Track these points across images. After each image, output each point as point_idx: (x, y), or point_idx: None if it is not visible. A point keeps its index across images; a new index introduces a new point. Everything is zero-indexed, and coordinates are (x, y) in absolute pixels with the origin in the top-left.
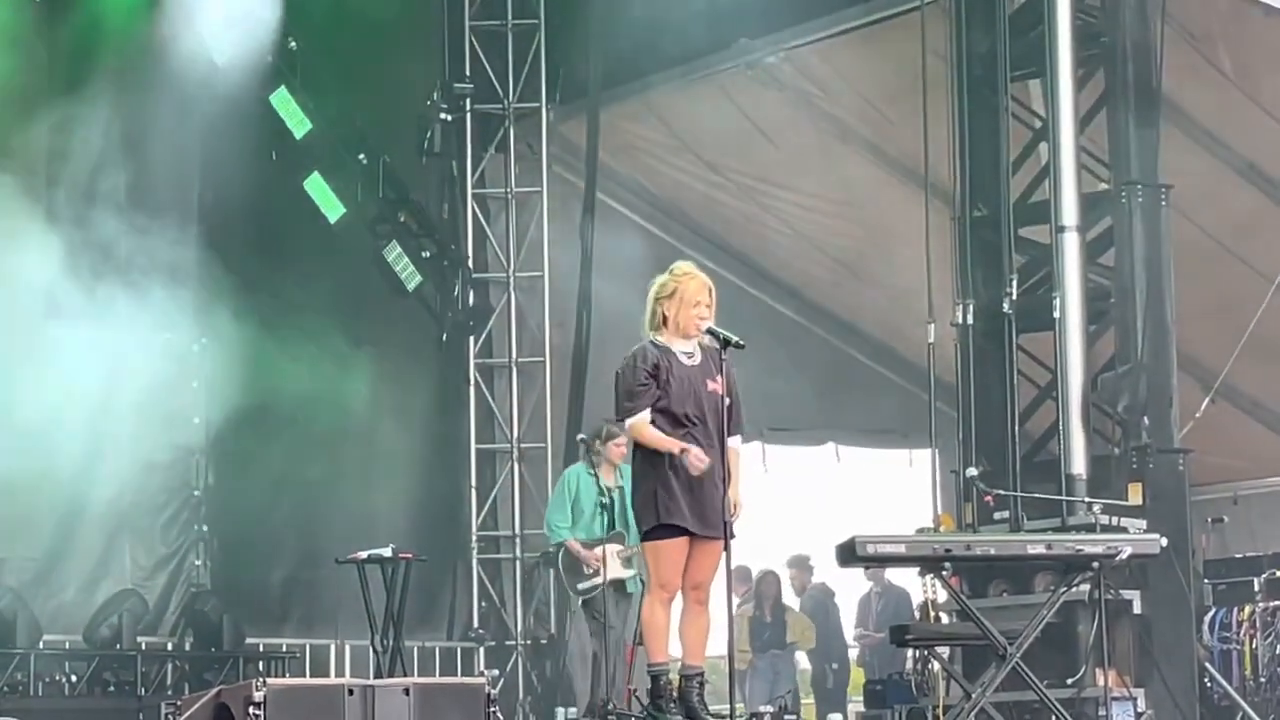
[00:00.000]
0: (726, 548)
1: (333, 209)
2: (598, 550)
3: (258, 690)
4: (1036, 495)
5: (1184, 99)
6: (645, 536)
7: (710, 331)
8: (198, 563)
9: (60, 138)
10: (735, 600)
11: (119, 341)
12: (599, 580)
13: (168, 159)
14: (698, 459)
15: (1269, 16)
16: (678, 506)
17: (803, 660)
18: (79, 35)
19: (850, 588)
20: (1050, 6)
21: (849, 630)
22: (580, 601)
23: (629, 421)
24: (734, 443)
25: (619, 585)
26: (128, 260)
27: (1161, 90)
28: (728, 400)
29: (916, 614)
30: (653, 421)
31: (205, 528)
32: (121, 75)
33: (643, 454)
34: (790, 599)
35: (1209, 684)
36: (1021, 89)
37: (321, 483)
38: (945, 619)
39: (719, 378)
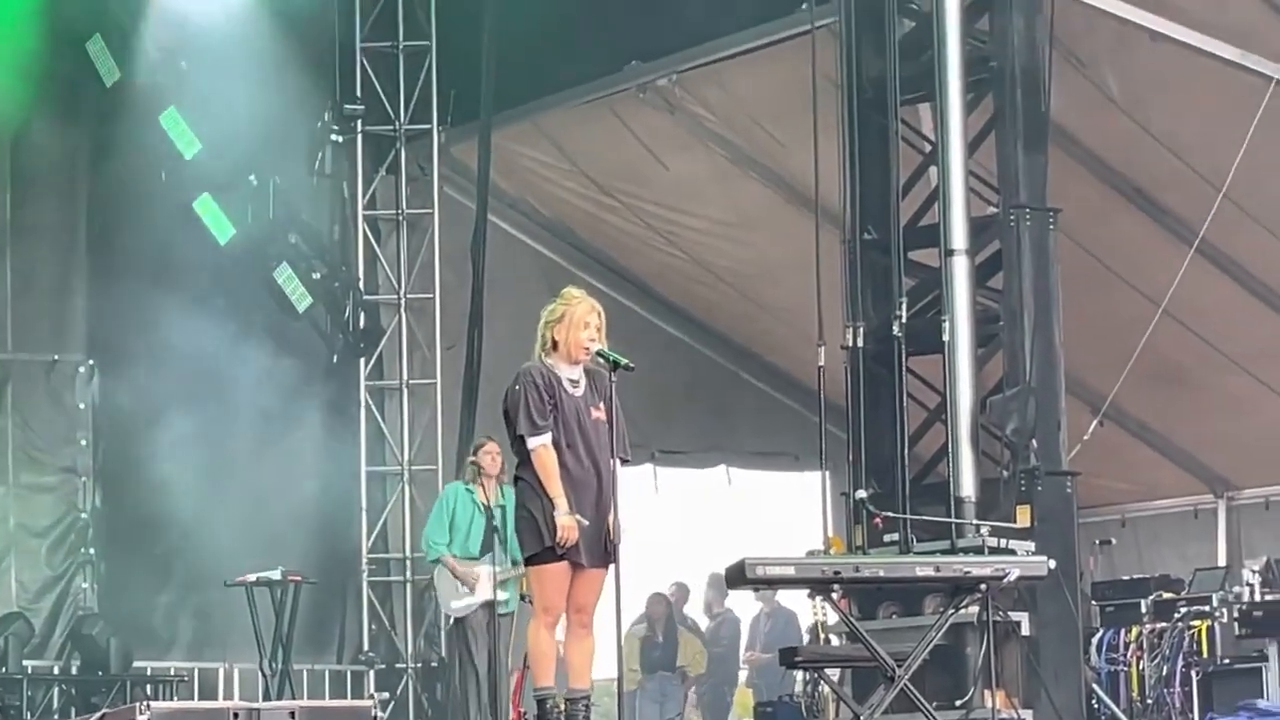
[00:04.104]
0: (614, 566)
1: (223, 230)
2: (475, 569)
3: (141, 714)
4: (925, 517)
5: (1072, 124)
6: (528, 561)
7: (599, 354)
8: (85, 586)
9: None
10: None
11: (4, 362)
12: (473, 600)
13: (56, 179)
14: (568, 533)
15: (1155, 42)
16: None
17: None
18: None
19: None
20: (940, 31)
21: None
22: (452, 621)
23: (533, 442)
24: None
25: (492, 606)
26: (13, 280)
27: (1050, 115)
28: (608, 428)
29: (806, 636)
30: None
31: (92, 550)
32: (7, 95)
33: (523, 478)
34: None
35: (1096, 705)
36: (911, 113)
37: (210, 505)
38: (836, 641)
39: (602, 405)
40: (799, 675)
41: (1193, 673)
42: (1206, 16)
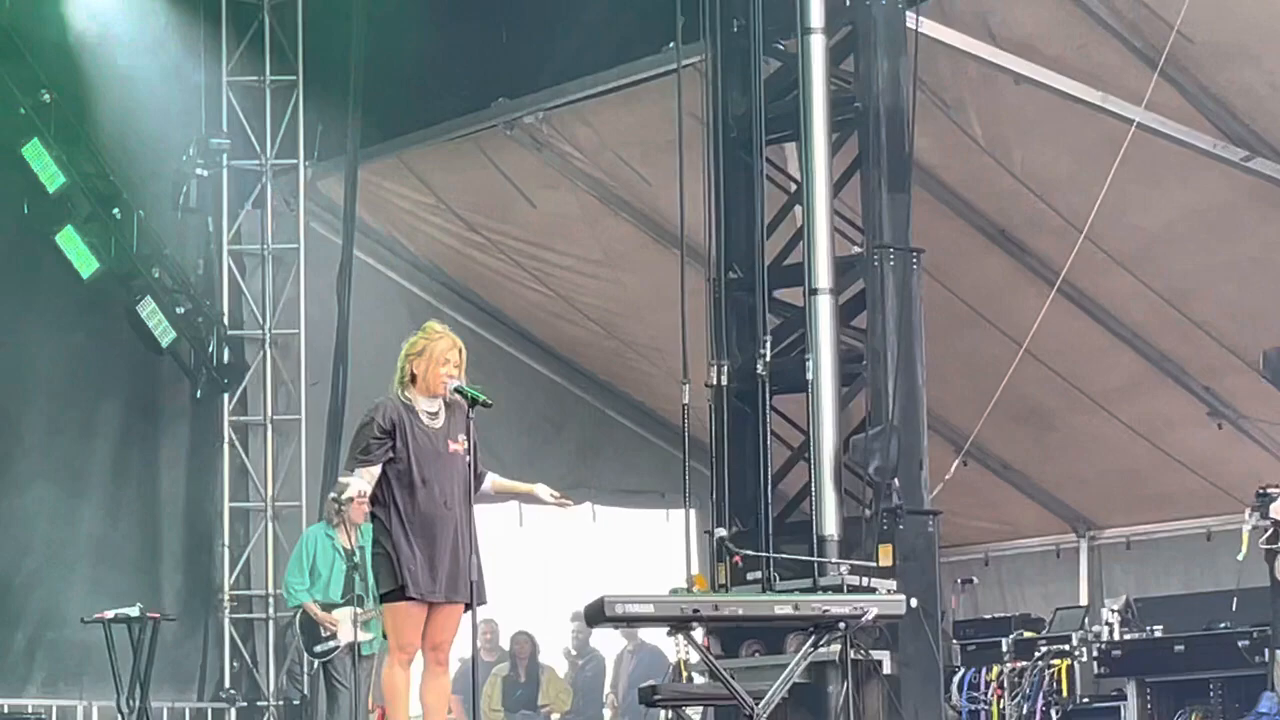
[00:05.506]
0: (473, 609)
1: (86, 264)
2: (335, 613)
3: None
4: (785, 556)
5: (936, 164)
6: (383, 598)
7: (458, 390)
8: None
9: None
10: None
11: None
12: (335, 643)
13: None
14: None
15: (1019, 85)
16: (413, 572)
17: None
18: None
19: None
20: (805, 71)
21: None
22: (318, 664)
23: (356, 474)
24: (494, 478)
25: (355, 648)
26: None
27: (914, 155)
28: (469, 459)
29: (670, 673)
30: (387, 479)
31: None
32: None
33: (378, 515)
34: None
35: None
36: (777, 152)
37: (68, 540)
38: (699, 679)
39: (461, 438)
40: (663, 714)
41: (1053, 711)
42: (1069, 60)
